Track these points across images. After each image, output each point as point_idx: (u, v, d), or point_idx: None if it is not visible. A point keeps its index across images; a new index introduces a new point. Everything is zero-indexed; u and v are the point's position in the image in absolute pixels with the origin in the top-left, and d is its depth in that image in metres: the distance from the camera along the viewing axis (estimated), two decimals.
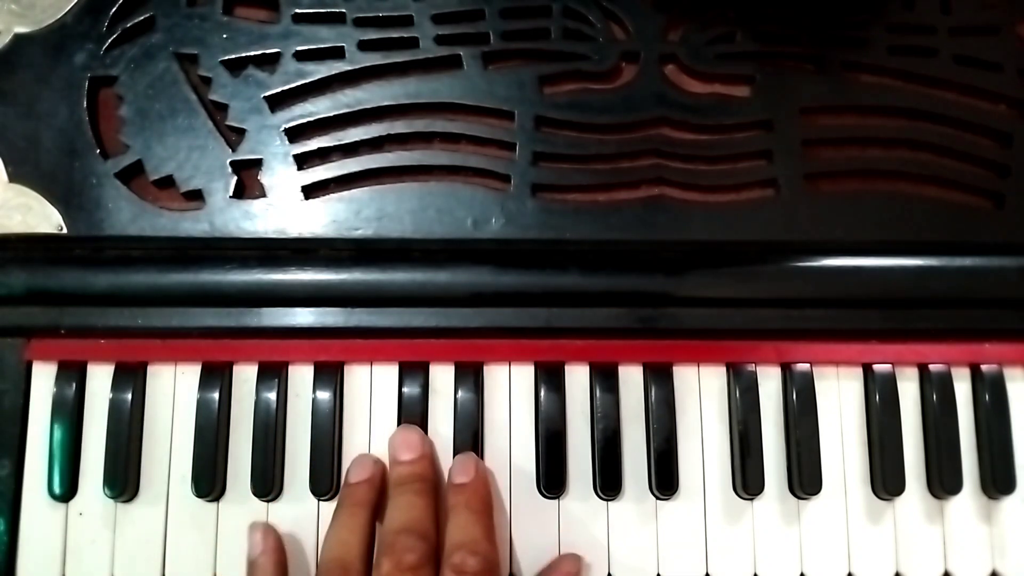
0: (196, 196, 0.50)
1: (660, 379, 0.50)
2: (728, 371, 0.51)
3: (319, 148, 0.51)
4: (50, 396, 0.49)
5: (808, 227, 0.51)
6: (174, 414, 0.50)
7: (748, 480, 0.49)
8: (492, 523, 0.46)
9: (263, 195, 0.50)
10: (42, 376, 0.50)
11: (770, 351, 0.50)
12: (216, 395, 0.49)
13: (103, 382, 0.49)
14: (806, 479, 0.49)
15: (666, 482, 0.49)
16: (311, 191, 0.51)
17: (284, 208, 0.50)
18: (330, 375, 0.50)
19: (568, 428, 0.50)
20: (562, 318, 0.49)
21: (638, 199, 0.51)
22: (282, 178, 0.51)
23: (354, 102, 0.51)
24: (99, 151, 0.50)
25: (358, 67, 0.51)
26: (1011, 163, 0.52)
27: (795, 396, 0.50)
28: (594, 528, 0.49)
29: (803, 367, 0.50)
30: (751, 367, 0.50)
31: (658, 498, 0.49)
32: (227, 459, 0.49)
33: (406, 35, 0.52)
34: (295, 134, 0.51)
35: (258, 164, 0.51)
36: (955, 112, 0.52)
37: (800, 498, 0.50)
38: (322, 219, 0.50)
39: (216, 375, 0.49)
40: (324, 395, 0.49)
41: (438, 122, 0.51)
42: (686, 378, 0.50)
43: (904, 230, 0.51)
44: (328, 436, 0.49)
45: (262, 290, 0.49)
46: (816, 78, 0.52)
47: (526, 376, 0.50)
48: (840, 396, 0.51)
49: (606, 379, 0.50)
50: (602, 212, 0.51)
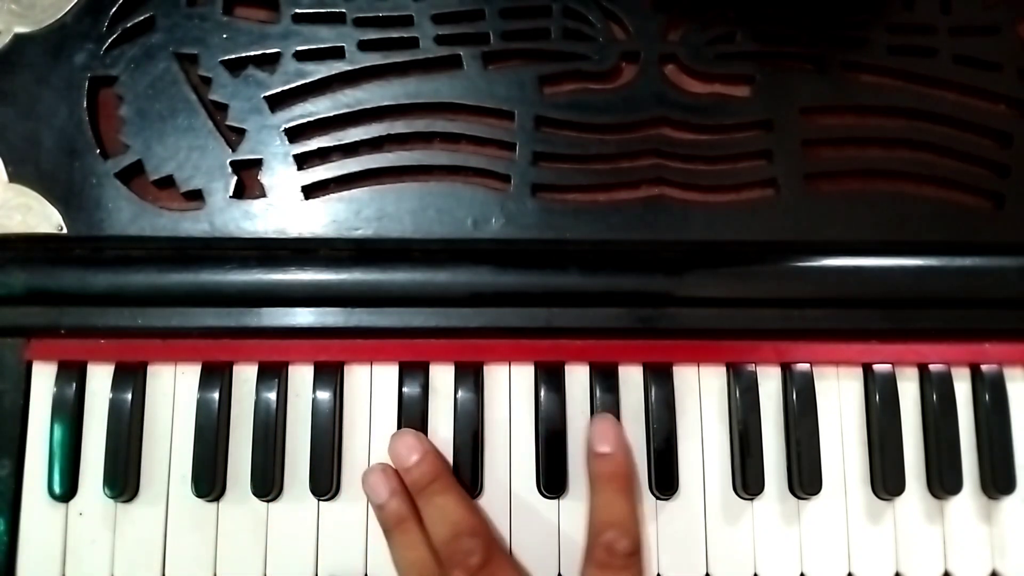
0: (196, 196, 0.50)
1: (660, 379, 0.50)
2: (728, 371, 0.51)
3: (319, 148, 0.51)
4: (50, 396, 0.49)
5: (808, 227, 0.51)
6: (174, 414, 0.50)
7: (748, 480, 0.49)
8: (635, 500, 0.47)
9: (263, 195, 0.50)
10: (42, 376, 0.50)
11: (770, 351, 0.50)
12: (216, 395, 0.49)
13: (103, 382, 0.49)
14: (806, 479, 0.49)
15: (666, 482, 0.49)
16: (311, 191, 0.51)
17: (284, 208, 0.50)
18: (330, 375, 0.50)
19: (568, 428, 0.50)
20: (562, 318, 0.49)
21: (638, 199, 0.51)
22: (282, 178, 0.50)
23: (354, 102, 0.51)
24: (99, 151, 0.50)
25: (358, 67, 0.51)
26: (1011, 163, 0.52)
27: (795, 396, 0.50)
28: None
29: (803, 367, 0.50)
30: (751, 367, 0.50)
31: (658, 498, 0.49)
32: (227, 459, 0.49)
33: (406, 35, 0.52)
34: (295, 134, 0.51)
35: (258, 164, 0.51)
36: (955, 112, 0.52)
37: (800, 498, 0.50)
38: (322, 219, 0.50)
39: (216, 375, 0.49)
40: (324, 395, 0.49)
41: (438, 122, 0.51)
42: (686, 378, 0.51)
43: (904, 230, 0.51)
44: (328, 436, 0.49)
45: (262, 290, 0.49)
46: (816, 78, 0.52)
47: (526, 376, 0.50)
48: (840, 396, 0.51)
49: (606, 379, 0.50)
50: (602, 212, 0.51)
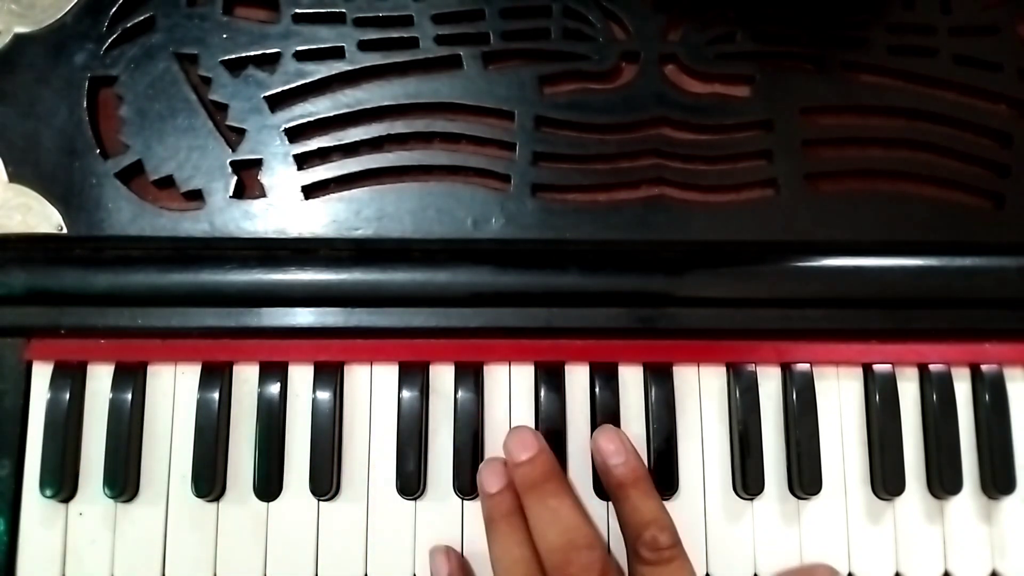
0: (196, 196, 0.50)
1: (660, 379, 0.50)
2: (728, 371, 0.51)
3: (319, 148, 0.51)
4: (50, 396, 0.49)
5: (808, 227, 0.51)
6: (174, 414, 0.50)
7: (748, 480, 0.49)
8: (658, 496, 0.47)
9: (263, 195, 0.50)
10: (42, 376, 0.50)
11: (770, 351, 0.50)
12: (216, 395, 0.49)
13: (103, 382, 0.49)
14: (806, 479, 0.49)
15: (666, 482, 0.49)
16: (311, 191, 0.51)
17: (284, 208, 0.50)
18: (330, 375, 0.50)
19: (568, 428, 0.50)
20: (562, 318, 0.49)
21: (638, 199, 0.51)
22: (282, 178, 0.50)
23: (354, 102, 0.51)
24: (99, 151, 0.50)
25: (358, 67, 0.51)
26: (1011, 163, 0.52)
27: (795, 396, 0.50)
28: None
29: (803, 367, 0.50)
30: (751, 367, 0.50)
31: None
32: (227, 459, 0.49)
33: (406, 35, 0.52)
34: (295, 134, 0.51)
35: (258, 164, 0.51)
36: (955, 112, 0.52)
37: (800, 498, 0.50)
38: (322, 219, 0.50)
39: (216, 375, 0.49)
40: (324, 395, 0.49)
41: (438, 122, 0.51)
42: (686, 378, 0.50)
43: (904, 230, 0.51)
44: (328, 436, 0.49)
45: (262, 290, 0.49)
46: (816, 78, 0.52)
47: (526, 376, 0.50)
48: (840, 396, 0.51)
49: (606, 379, 0.50)
50: (602, 212, 0.51)
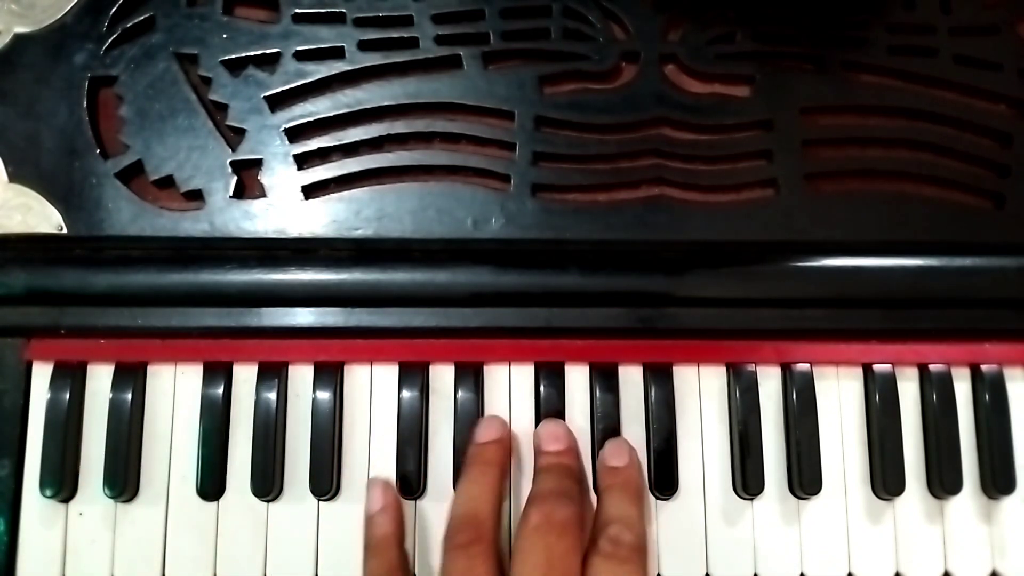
0: (196, 196, 0.50)
1: (660, 379, 0.50)
2: (728, 371, 0.51)
3: (319, 148, 0.51)
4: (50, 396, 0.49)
5: (808, 227, 0.50)
6: (174, 414, 0.50)
7: (748, 480, 0.49)
8: (644, 508, 0.47)
9: (263, 195, 0.50)
10: (42, 376, 0.50)
11: (770, 351, 0.50)
12: (216, 395, 0.49)
13: (103, 382, 0.49)
14: (806, 479, 0.49)
15: (666, 482, 0.49)
16: (311, 191, 0.51)
17: (284, 208, 0.50)
18: (330, 375, 0.50)
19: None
20: (562, 318, 0.49)
21: (638, 199, 0.51)
22: (282, 178, 0.50)
23: (354, 102, 0.51)
24: (99, 151, 0.50)
25: (358, 67, 0.51)
26: (1011, 163, 0.52)
27: (795, 396, 0.50)
28: None
29: (803, 367, 0.50)
30: (751, 367, 0.50)
31: (658, 498, 0.49)
32: (227, 459, 0.49)
33: (406, 35, 0.52)
34: (295, 134, 0.51)
35: (258, 164, 0.51)
36: (955, 112, 0.52)
37: (800, 498, 0.50)
38: (322, 219, 0.50)
39: (216, 375, 0.49)
40: (324, 395, 0.49)
41: (438, 122, 0.51)
42: (686, 378, 0.50)
43: (904, 230, 0.51)
44: (328, 436, 0.49)
45: (262, 290, 0.49)
46: (816, 78, 0.52)
47: (526, 376, 0.50)
48: (840, 396, 0.51)
49: (606, 379, 0.50)
50: (602, 212, 0.51)
